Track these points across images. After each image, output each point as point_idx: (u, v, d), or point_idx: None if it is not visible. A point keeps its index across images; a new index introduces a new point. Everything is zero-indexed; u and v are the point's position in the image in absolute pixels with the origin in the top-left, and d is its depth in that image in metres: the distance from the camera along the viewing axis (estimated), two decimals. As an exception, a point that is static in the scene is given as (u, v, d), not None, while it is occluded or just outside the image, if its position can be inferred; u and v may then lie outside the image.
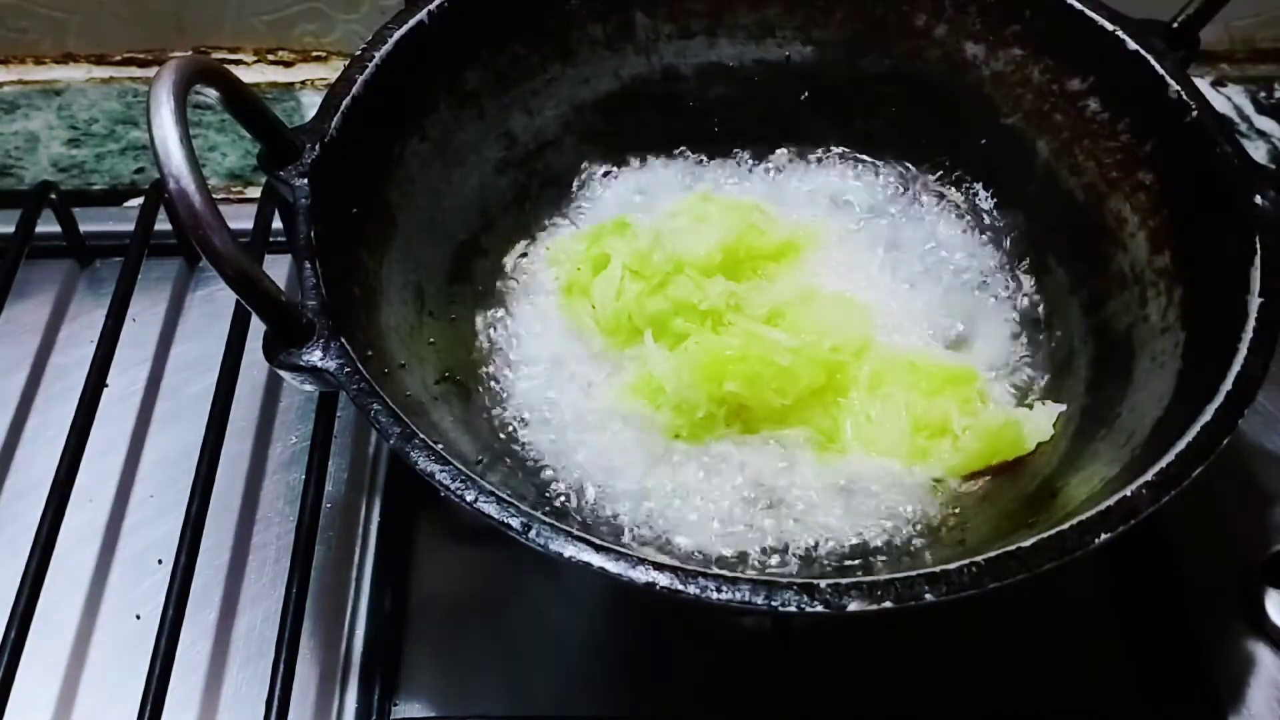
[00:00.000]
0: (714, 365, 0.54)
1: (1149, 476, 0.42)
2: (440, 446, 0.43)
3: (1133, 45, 0.55)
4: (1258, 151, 0.82)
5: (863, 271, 0.62)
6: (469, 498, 0.41)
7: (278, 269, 0.70)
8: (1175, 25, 0.56)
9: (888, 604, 0.39)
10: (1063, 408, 0.56)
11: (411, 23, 0.55)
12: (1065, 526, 0.41)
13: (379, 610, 0.57)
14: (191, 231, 0.39)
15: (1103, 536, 0.41)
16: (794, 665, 0.54)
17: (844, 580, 0.39)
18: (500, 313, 0.61)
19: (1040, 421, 0.55)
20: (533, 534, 0.40)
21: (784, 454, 0.55)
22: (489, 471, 0.50)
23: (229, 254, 0.40)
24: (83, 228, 0.71)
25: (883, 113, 0.65)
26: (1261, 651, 0.57)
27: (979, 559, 0.40)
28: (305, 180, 0.49)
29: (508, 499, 0.41)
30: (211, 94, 0.44)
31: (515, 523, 0.41)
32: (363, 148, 0.53)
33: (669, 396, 0.55)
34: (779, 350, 0.55)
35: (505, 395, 0.58)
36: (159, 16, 0.80)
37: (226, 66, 0.46)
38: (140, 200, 0.71)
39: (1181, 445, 0.43)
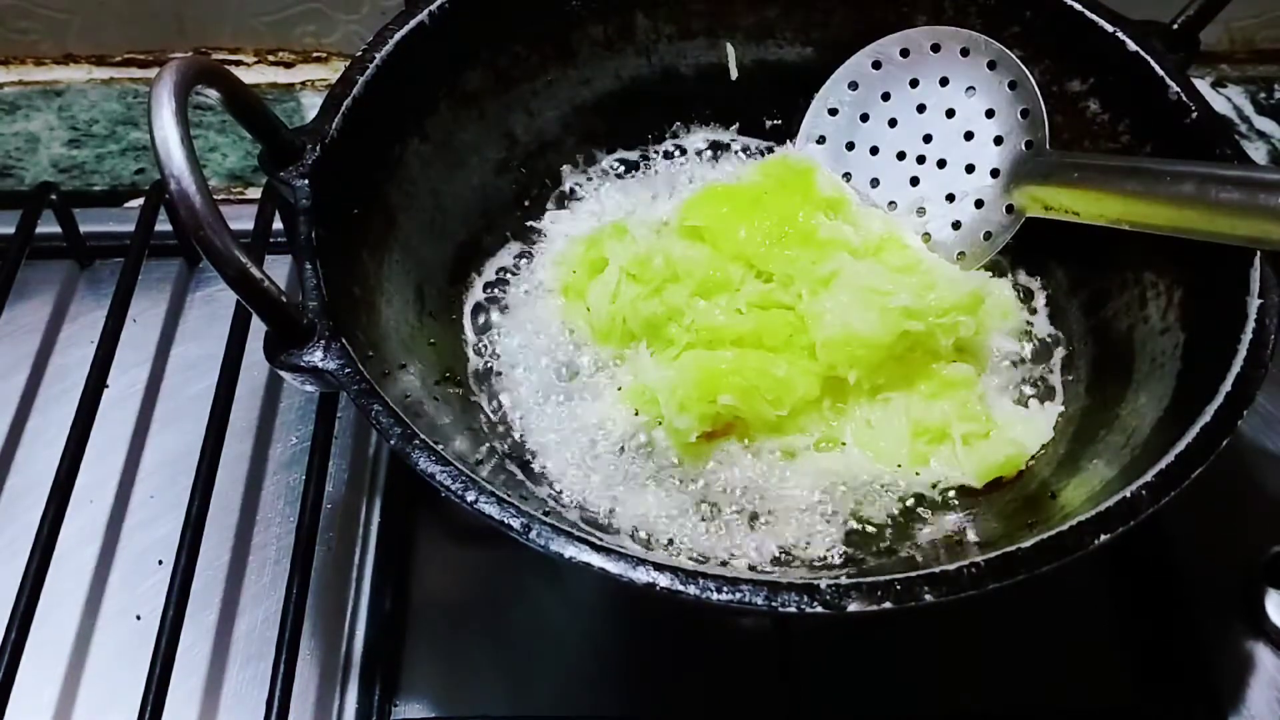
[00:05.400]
0: (708, 380, 0.54)
1: (1149, 477, 0.42)
2: (440, 447, 0.43)
3: (1133, 46, 0.55)
4: (1258, 152, 0.82)
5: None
6: (469, 498, 0.41)
7: (278, 269, 0.70)
8: (1175, 26, 0.56)
9: (887, 605, 0.39)
10: (1062, 409, 0.56)
11: (412, 24, 0.55)
12: (1065, 527, 0.41)
13: (379, 610, 0.57)
14: (192, 232, 0.39)
15: (1102, 538, 0.41)
16: (794, 665, 0.54)
17: (844, 581, 0.39)
18: (500, 314, 0.61)
19: (1039, 423, 0.55)
20: (533, 535, 0.41)
21: (782, 462, 0.55)
22: (488, 472, 0.50)
23: (229, 255, 0.40)
24: (83, 228, 0.71)
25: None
26: (1261, 651, 0.57)
27: (979, 559, 0.40)
28: (306, 181, 0.49)
29: (508, 499, 0.41)
30: (212, 95, 0.44)
31: (515, 523, 0.41)
32: (363, 148, 0.53)
33: (663, 416, 0.54)
34: (773, 361, 0.54)
35: (505, 396, 0.58)
36: (159, 17, 0.80)
37: (227, 67, 0.46)
38: (140, 201, 0.71)
39: (1181, 446, 0.43)
